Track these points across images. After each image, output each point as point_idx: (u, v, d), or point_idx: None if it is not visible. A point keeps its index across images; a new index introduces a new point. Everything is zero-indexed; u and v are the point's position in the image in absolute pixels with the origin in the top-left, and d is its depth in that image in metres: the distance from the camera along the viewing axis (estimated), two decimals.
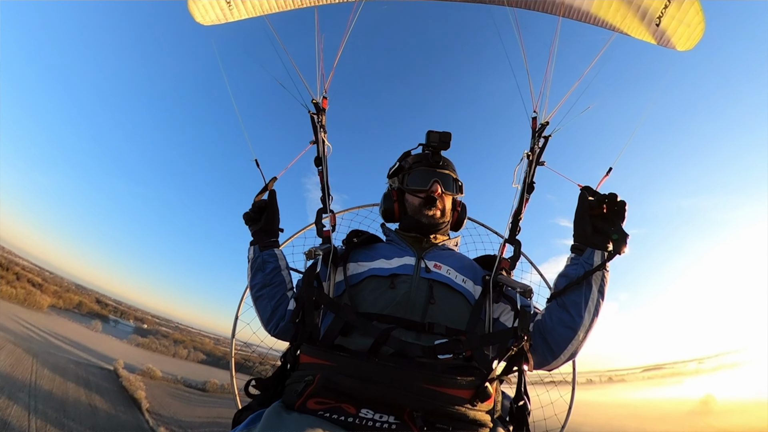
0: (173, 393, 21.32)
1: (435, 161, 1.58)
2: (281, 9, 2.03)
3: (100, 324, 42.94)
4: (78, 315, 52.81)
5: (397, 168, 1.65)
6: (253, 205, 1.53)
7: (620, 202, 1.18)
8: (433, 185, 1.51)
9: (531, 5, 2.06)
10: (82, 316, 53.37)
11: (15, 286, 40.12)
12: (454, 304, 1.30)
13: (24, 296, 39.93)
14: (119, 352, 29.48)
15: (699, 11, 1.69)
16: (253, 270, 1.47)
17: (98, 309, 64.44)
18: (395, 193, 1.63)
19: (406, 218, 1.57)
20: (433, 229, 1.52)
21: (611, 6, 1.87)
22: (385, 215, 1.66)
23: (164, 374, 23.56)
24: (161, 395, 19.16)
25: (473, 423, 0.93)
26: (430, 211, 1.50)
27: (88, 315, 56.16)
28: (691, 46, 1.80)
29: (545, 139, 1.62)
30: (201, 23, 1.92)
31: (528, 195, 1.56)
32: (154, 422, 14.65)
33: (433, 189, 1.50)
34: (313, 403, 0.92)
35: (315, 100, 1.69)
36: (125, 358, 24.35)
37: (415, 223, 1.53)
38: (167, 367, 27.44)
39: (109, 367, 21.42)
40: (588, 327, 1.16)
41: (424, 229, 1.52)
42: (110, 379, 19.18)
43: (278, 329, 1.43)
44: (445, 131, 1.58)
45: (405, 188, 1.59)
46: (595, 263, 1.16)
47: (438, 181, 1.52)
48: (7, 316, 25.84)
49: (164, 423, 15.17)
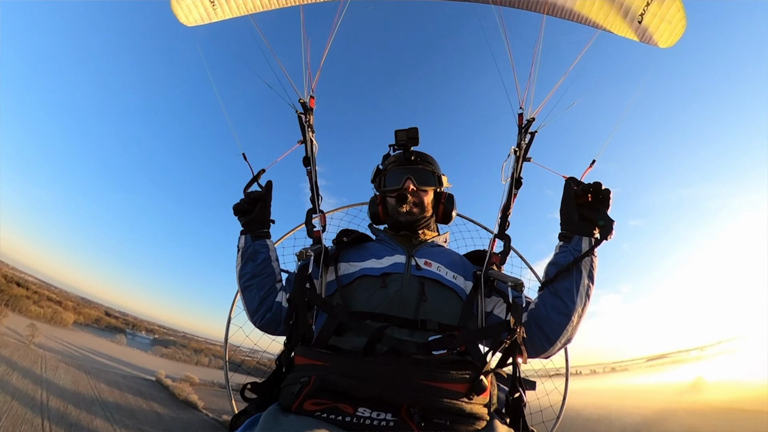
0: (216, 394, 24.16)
1: (407, 158, 1.62)
2: (266, 8, 2.00)
3: (124, 338, 45.54)
4: (98, 329, 55.27)
5: (376, 172, 1.70)
6: (247, 196, 1.52)
7: (605, 190, 1.21)
8: (405, 182, 1.55)
9: (516, 3, 2.09)
10: (101, 330, 55.90)
11: (42, 305, 42.34)
12: (446, 301, 1.31)
13: (51, 315, 42.02)
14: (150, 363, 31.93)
15: (680, 8, 1.73)
16: (244, 259, 1.46)
17: (115, 322, 66.90)
18: (378, 197, 1.68)
19: (388, 219, 1.63)
20: (414, 225, 1.55)
21: (594, 4, 1.90)
22: (372, 219, 1.72)
23: (201, 380, 26.08)
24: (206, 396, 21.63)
25: (470, 416, 0.93)
26: (403, 208, 1.52)
27: (107, 329, 58.66)
28: (672, 43, 1.83)
29: (531, 135, 1.65)
30: (185, 24, 1.88)
31: (516, 190, 1.58)
32: (214, 416, 17.15)
33: (405, 186, 1.54)
34: (310, 404, 0.92)
35: (302, 100, 1.69)
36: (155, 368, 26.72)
37: (395, 223, 1.57)
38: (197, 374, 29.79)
39: (151, 377, 23.95)
40: (581, 312, 1.19)
41: (406, 227, 1.55)
42: (157, 387, 21.63)
43: (264, 320, 1.43)
44: (411, 127, 1.61)
45: (382, 191, 1.65)
46: (583, 249, 1.20)
47: (410, 178, 1.55)
48: (47, 336, 28.01)
49: (221, 415, 17.76)
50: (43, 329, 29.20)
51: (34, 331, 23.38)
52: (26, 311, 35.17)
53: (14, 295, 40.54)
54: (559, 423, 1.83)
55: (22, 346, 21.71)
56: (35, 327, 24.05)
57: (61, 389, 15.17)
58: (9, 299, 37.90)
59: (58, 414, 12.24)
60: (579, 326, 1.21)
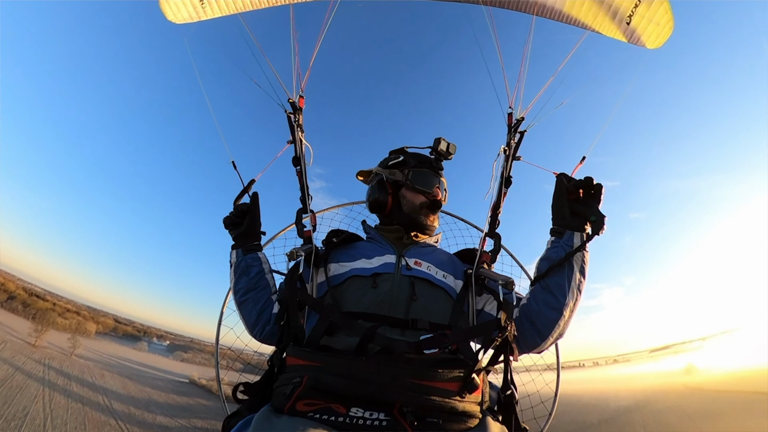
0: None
1: (439, 167, 1.64)
2: (255, 7, 1.99)
3: (145, 345, 47.87)
4: (116, 337, 57.57)
5: (400, 161, 1.62)
6: (235, 209, 1.51)
7: (596, 185, 1.22)
8: (436, 191, 1.58)
9: (506, 4, 2.11)
10: (119, 338, 58.18)
11: (66, 317, 44.38)
12: (437, 300, 1.32)
13: (75, 326, 44.00)
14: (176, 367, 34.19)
15: (668, 10, 1.76)
16: (237, 274, 1.44)
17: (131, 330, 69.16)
18: (390, 185, 1.60)
19: (399, 214, 1.56)
20: (425, 229, 1.57)
21: (583, 5, 1.93)
22: (374, 206, 1.63)
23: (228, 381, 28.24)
24: None
25: (463, 415, 0.94)
26: (431, 215, 1.57)
27: (124, 337, 60.83)
28: (660, 44, 1.86)
29: (521, 135, 1.68)
30: (173, 21, 1.86)
31: (506, 189, 1.59)
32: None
33: (435, 193, 1.57)
34: (302, 405, 0.91)
35: (291, 100, 1.68)
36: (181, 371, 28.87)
37: (411, 221, 1.54)
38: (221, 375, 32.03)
39: (184, 380, 26.20)
40: (573, 307, 1.20)
41: (414, 227, 1.55)
42: (194, 387, 23.82)
43: (264, 333, 1.41)
44: (453, 143, 1.64)
45: (409, 184, 1.58)
46: (574, 245, 1.20)
47: (439, 188, 1.60)
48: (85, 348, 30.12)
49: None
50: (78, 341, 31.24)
51: (75, 343, 25.53)
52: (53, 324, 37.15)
53: (40, 309, 42.58)
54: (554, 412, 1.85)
55: (65, 357, 23.86)
56: (76, 340, 26.25)
57: (116, 394, 17.08)
58: (36, 313, 39.83)
59: (125, 415, 13.87)
60: (571, 321, 1.22)
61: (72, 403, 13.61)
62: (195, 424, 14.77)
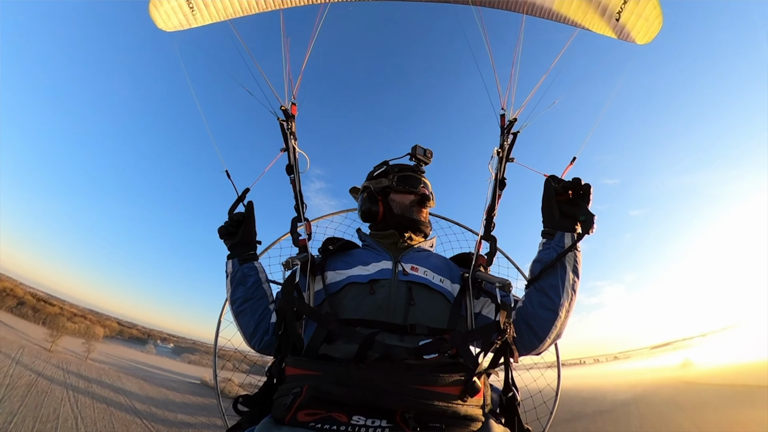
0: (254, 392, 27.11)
1: (421, 171, 1.73)
2: (246, 13, 1.99)
3: (153, 348, 48.70)
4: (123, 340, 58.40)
5: (383, 171, 1.72)
6: (230, 218, 1.51)
7: (585, 185, 1.23)
8: (421, 189, 1.66)
9: (495, 4, 2.12)
10: (126, 341, 59.00)
11: (75, 321, 45.15)
12: (434, 304, 1.32)
13: (84, 330, 44.89)
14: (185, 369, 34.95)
15: (656, 6, 1.77)
16: (233, 284, 1.44)
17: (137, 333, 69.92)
18: (379, 195, 1.66)
19: (392, 216, 1.60)
20: (418, 225, 1.60)
21: (573, 3, 1.94)
22: (366, 215, 1.67)
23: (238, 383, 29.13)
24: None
25: (465, 418, 0.94)
26: (423, 210, 1.63)
27: (131, 340, 61.64)
28: (649, 39, 1.87)
29: (514, 136, 1.68)
30: (163, 29, 1.86)
31: (500, 191, 1.60)
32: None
33: (421, 191, 1.65)
34: (303, 415, 0.91)
35: (284, 107, 1.68)
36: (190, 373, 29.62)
37: (404, 220, 1.58)
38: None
39: (195, 381, 27.03)
40: (568, 307, 1.21)
41: (408, 226, 1.58)
42: (207, 389, 24.44)
43: (263, 343, 1.41)
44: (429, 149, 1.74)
45: (396, 187, 1.65)
46: (566, 245, 1.22)
47: (425, 188, 1.68)
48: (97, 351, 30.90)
49: None
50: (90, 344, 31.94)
51: (89, 347, 26.31)
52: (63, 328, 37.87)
53: (50, 314, 43.34)
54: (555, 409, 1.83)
55: (81, 361, 24.66)
56: (91, 344, 27.10)
57: (135, 395, 17.74)
58: (46, 318, 40.57)
59: (148, 414, 14.54)
60: (567, 321, 1.23)
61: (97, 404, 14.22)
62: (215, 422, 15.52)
